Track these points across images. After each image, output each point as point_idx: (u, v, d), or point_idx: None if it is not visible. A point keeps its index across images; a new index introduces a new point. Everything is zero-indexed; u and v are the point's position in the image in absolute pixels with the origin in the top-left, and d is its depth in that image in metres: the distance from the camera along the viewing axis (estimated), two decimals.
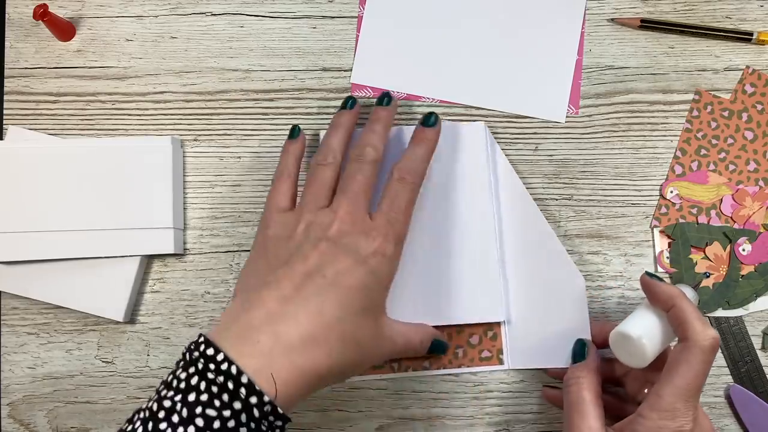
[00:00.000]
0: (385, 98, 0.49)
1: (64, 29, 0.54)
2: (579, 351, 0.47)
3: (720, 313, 0.52)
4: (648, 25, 0.54)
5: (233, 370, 0.36)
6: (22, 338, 0.53)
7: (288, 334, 0.37)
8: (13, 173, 0.51)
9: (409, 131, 0.50)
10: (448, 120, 0.54)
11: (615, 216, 0.53)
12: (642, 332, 0.42)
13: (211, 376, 0.36)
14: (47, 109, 0.55)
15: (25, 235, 0.51)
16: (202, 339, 0.38)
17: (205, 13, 0.56)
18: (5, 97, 0.55)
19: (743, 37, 0.54)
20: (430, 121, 0.48)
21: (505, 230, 0.52)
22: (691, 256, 0.52)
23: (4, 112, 0.55)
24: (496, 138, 0.54)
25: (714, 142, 0.53)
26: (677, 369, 0.40)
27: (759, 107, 0.54)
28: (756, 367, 0.51)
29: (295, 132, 0.50)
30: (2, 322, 0.53)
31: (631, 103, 0.54)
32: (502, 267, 0.51)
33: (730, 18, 0.55)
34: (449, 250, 0.50)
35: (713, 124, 0.54)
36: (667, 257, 0.52)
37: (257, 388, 0.35)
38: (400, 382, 0.51)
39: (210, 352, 0.36)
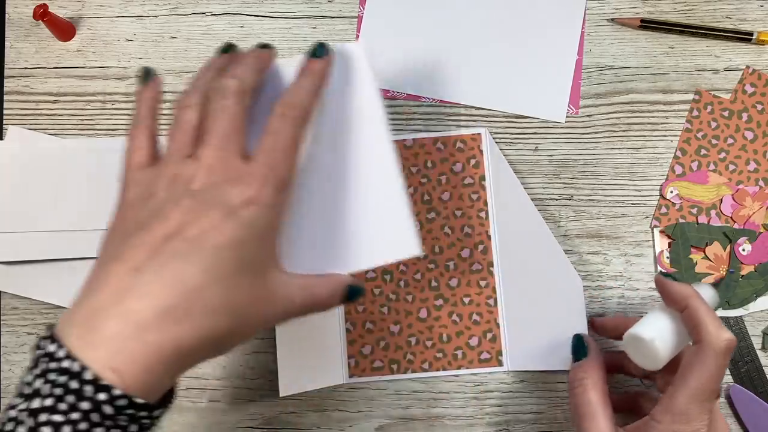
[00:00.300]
0: (264, 44, 0.42)
1: (64, 29, 0.54)
2: (578, 347, 0.46)
3: (720, 313, 0.52)
4: (648, 25, 0.54)
5: (75, 367, 0.31)
6: (22, 338, 0.53)
7: (139, 312, 0.32)
8: (13, 173, 0.51)
9: (290, 65, 0.42)
10: (446, 122, 0.54)
11: (615, 216, 0.53)
12: (655, 334, 0.41)
13: (53, 377, 0.31)
14: (47, 109, 0.55)
15: (25, 235, 0.51)
16: (46, 333, 0.33)
17: (205, 13, 0.56)
18: (5, 97, 0.55)
19: (743, 37, 0.54)
20: (318, 51, 0.41)
21: (502, 231, 0.52)
22: (691, 256, 0.52)
23: (4, 112, 0.55)
24: (495, 138, 0.54)
25: (714, 142, 0.53)
26: (691, 371, 0.39)
27: (759, 107, 0.54)
28: (756, 367, 0.51)
29: (148, 75, 0.42)
30: (2, 322, 0.53)
31: (631, 103, 0.54)
32: (405, 203, 0.43)
33: (730, 18, 0.55)
34: (350, 188, 0.43)
35: (713, 124, 0.54)
36: (667, 257, 0.52)
37: (103, 383, 0.31)
38: (400, 382, 0.52)
39: (51, 348, 0.32)
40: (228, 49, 0.42)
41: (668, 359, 0.41)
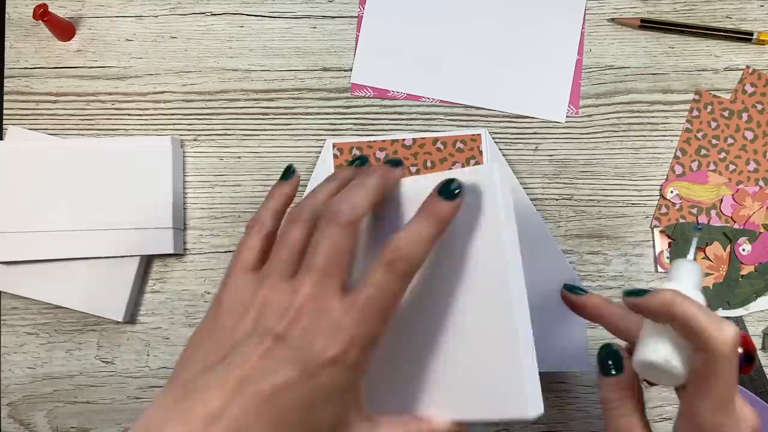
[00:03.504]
0: (392, 161, 0.39)
1: (64, 29, 0.54)
2: (612, 359, 0.38)
3: (720, 313, 0.52)
4: (648, 25, 0.54)
5: None
6: (22, 338, 0.53)
7: None
8: (13, 173, 0.51)
9: (416, 186, 0.38)
10: (449, 120, 0.54)
11: (615, 216, 0.53)
12: (665, 353, 0.36)
13: None
14: (47, 109, 0.55)
15: (25, 235, 0.51)
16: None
17: (204, 13, 0.56)
18: (5, 97, 0.55)
19: (743, 37, 0.54)
20: (449, 190, 0.36)
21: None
22: None
23: (4, 112, 0.55)
24: (495, 138, 0.54)
25: (714, 142, 0.53)
26: (707, 384, 0.35)
27: (759, 107, 0.54)
28: (756, 367, 0.51)
29: (288, 173, 0.41)
30: (2, 322, 0.53)
31: (631, 103, 0.54)
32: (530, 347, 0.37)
33: (730, 18, 0.55)
34: (455, 329, 0.38)
35: (713, 124, 0.54)
36: (667, 257, 0.52)
37: None
38: None
39: None
40: (357, 161, 0.41)
41: (689, 368, 0.36)
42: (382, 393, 0.38)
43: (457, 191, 0.36)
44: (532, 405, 0.34)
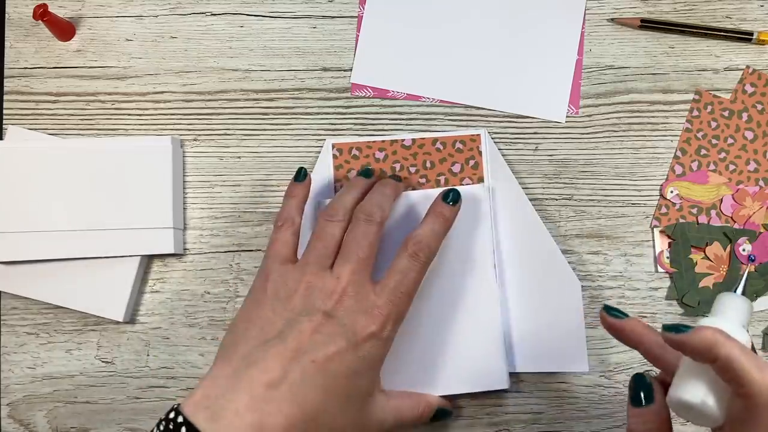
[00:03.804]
0: (395, 178, 0.50)
1: (64, 29, 0.54)
2: (643, 390, 0.36)
3: None
4: (648, 25, 0.54)
5: None
6: (22, 338, 0.53)
7: (272, 426, 0.37)
8: (13, 173, 0.51)
9: (415, 197, 0.50)
10: (449, 121, 0.54)
11: (615, 216, 0.53)
12: (702, 394, 0.33)
13: None
14: (47, 109, 0.55)
15: (25, 235, 0.51)
16: (180, 419, 0.37)
17: (204, 13, 0.56)
18: (5, 97, 0.55)
19: (743, 37, 0.54)
20: (450, 197, 0.46)
21: (501, 233, 0.52)
22: (691, 256, 0.52)
23: (4, 112, 0.55)
24: (495, 138, 0.54)
25: (714, 142, 0.53)
26: (744, 430, 0.33)
27: (759, 107, 0.54)
28: None
29: (301, 174, 0.48)
30: (2, 322, 0.53)
31: (631, 103, 0.54)
32: (505, 324, 0.49)
33: (730, 18, 0.55)
34: (452, 317, 0.49)
35: (713, 124, 0.53)
36: (667, 257, 0.52)
37: None
38: None
39: (180, 419, 0.36)
40: (367, 173, 0.50)
41: (725, 410, 0.35)
42: (387, 372, 0.45)
43: (457, 198, 0.47)
44: (506, 380, 0.48)
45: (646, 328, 0.38)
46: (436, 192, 0.47)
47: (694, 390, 0.33)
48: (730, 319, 0.34)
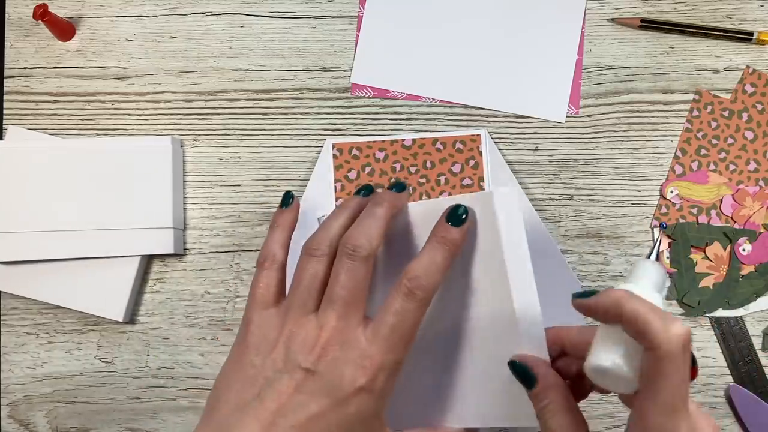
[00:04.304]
0: (396, 186, 0.41)
1: (64, 29, 0.54)
2: (524, 376, 0.36)
3: (720, 313, 0.52)
4: (648, 25, 0.54)
5: None
6: (22, 338, 0.53)
7: None
8: (13, 173, 0.51)
9: (422, 210, 0.40)
10: (449, 121, 0.54)
11: (615, 216, 0.53)
12: (614, 356, 0.34)
13: None
14: (47, 109, 0.55)
15: (25, 235, 0.51)
16: None
17: (204, 13, 0.56)
18: (5, 97, 0.55)
19: (743, 37, 0.54)
20: (457, 215, 0.38)
21: None
22: (691, 256, 0.52)
23: (4, 112, 0.55)
24: (495, 138, 0.54)
25: (714, 142, 0.53)
26: (654, 384, 0.33)
27: (759, 107, 0.54)
28: (756, 367, 0.51)
29: (287, 200, 0.43)
30: (2, 322, 0.53)
31: (631, 103, 0.54)
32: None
33: (730, 18, 0.55)
34: (470, 345, 0.40)
35: (713, 124, 0.53)
36: (667, 257, 0.52)
37: None
38: None
39: None
40: (364, 190, 0.42)
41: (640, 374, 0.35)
42: (398, 407, 0.39)
43: (464, 216, 0.37)
44: (532, 419, 0.37)
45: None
46: (448, 203, 0.38)
47: (607, 354, 0.34)
48: (642, 285, 0.35)
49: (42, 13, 0.51)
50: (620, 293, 0.33)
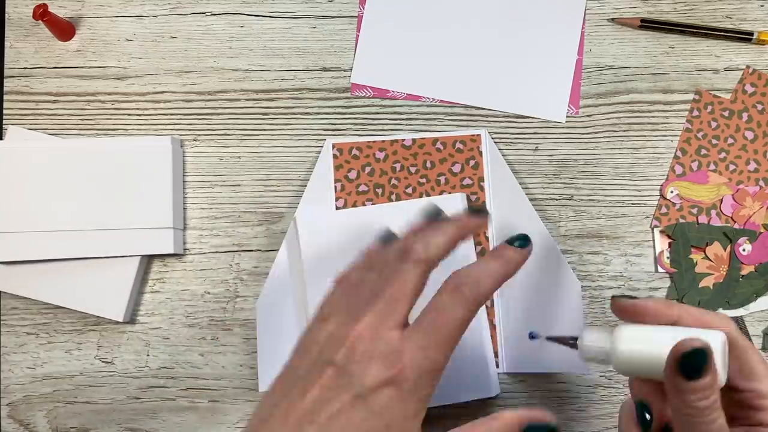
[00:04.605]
0: (480, 210, 0.40)
1: (64, 29, 0.54)
2: (697, 360, 0.32)
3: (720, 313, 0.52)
4: (648, 25, 0.54)
5: None
6: (22, 338, 0.53)
7: None
8: (13, 173, 0.51)
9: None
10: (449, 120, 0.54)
11: (615, 216, 0.53)
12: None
13: None
14: (47, 109, 0.55)
15: (25, 235, 0.51)
16: None
17: (204, 13, 0.56)
18: (5, 97, 0.55)
19: (743, 37, 0.54)
20: (517, 241, 0.38)
21: (501, 234, 0.52)
22: (691, 256, 0.52)
23: (4, 112, 0.55)
24: (495, 138, 0.54)
25: (714, 142, 0.53)
26: None
27: (759, 107, 0.54)
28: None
29: (389, 237, 0.40)
30: (2, 322, 0.53)
31: (631, 103, 0.54)
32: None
33: (730, 18, 0.55)
34: None
35: (713, 124, 0.53)
36: (668, 257, 0.52)
37: None
38: None
39: None
40: (433, 214, 0.40)
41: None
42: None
43: (524, 242, 0.37)
44: (494, 387, 0.49)
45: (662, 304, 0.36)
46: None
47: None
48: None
49: (42, 13, 0.51)
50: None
